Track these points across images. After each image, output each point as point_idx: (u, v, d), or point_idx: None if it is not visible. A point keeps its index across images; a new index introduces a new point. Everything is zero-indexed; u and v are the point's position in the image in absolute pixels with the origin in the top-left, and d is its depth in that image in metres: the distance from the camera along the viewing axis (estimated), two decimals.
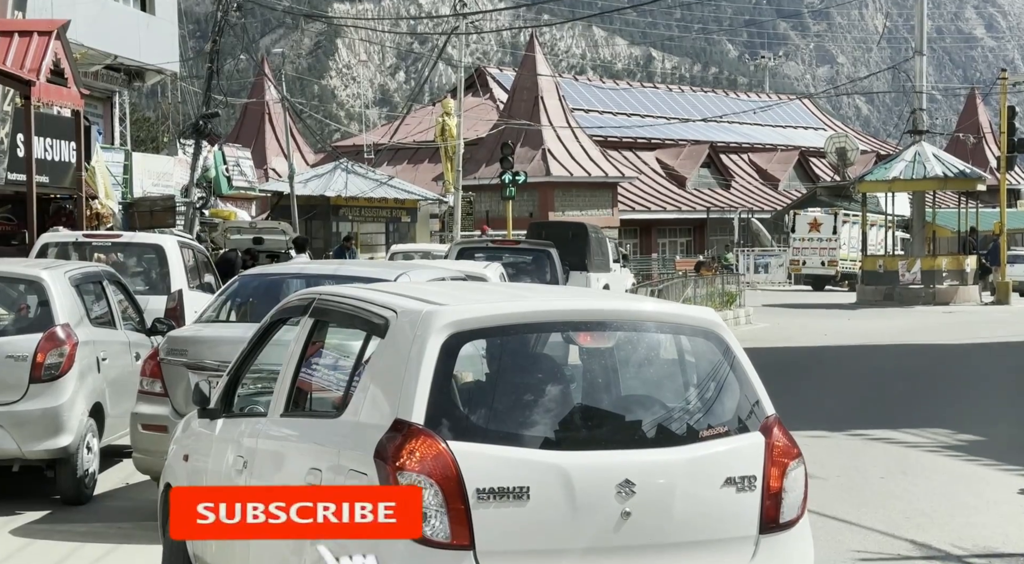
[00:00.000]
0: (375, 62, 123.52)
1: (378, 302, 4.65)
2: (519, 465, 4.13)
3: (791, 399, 14.21)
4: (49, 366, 8.07)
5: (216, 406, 5.37)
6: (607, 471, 4.21)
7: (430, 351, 4.21)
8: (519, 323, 4.49)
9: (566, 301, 4.90)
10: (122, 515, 8.12)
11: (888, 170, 31.72)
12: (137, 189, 25.86)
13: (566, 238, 23.05)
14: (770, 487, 4.43)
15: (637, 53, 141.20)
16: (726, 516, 4.39)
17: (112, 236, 12.58)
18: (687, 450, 4.35)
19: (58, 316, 8.22)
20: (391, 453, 4.08)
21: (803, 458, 4.59)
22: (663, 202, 51.94)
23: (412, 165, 48.56)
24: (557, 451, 4.19)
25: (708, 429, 4.44)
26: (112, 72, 26.20)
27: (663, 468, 4.29)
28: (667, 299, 20.62)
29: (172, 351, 7.78)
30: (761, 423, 4.50)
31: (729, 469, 4.38)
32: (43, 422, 8.03)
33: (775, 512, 4.44)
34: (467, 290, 5.75)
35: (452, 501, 4.06)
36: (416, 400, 4.15)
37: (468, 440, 4.14)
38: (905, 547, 7.43)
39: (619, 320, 4.61)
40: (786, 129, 64.11)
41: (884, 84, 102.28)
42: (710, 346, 4.59)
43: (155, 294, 11.72)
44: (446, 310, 4.36)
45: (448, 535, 4.06)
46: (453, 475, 4.06)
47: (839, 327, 24.10)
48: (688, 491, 4.31)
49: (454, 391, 4.26)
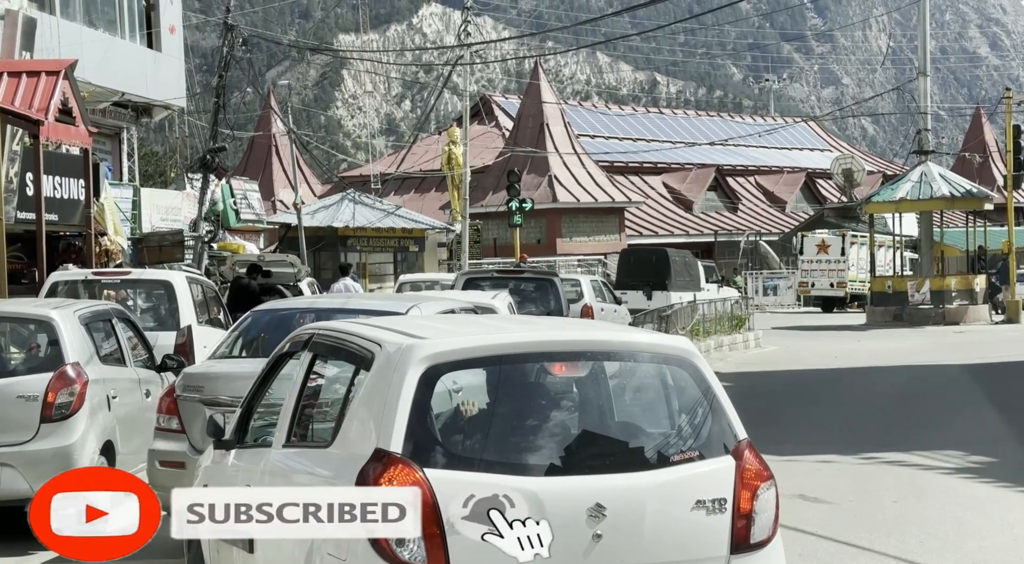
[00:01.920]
0: (381, 92, 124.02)
1: (366, 336, 4.83)
2: (493, 490, 4.28)
3: (802, 423, 14.20)
4: (60, 405, 8.10)
5: (231, 437, 5.58)
6: (578, 495, 4.38)
7: (408, 382, 4.41)
8: (495, 355, 4.67)
9: (543, 333, 5.07)
10: (137, 554, 8.12)
11: (895, 191, 31.72)
12: (146, 224, 25.98)
13: (650, 262, 27.66)
14: (740, 509, 4.57)
15: (642, 78, 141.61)
16: (697, 538, 4.52)
17: (121, 273, 12.65)
18: (657, 474, 4.51)
19: (68, 355, 8.26)
20: (371, 481, 4.28)
21: (774, 481, 4.73)
22: (670, 226, 51.97)
23: (419, 194, 48.69)
24: (529, 477, 4.37)
25: (679, 454, 4.61)
26: (120, 109, 26.37)
27: (633, 492, 4.45)
28: (676, 324, 20.64)
29: (188, 387, 7.89)
30: (733, 448, 4.66)
31: (699, 492, 4.53)
32: (55, 461, 8.04)
33: (746, 533, 4.57)
34: (454, 323, 5.92)
35: (428, 527, 4.22)
36: (395, 430, 4.34)
37: (444, 468, 4.33)
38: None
39: (593, 350, 4.81)
40: (792, 151, 64.18)
41: (889, 104, 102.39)
42: (683, 374, 4.76)
43: (164, 330, 11.77)
44: (425, 344, 4.55)
45: (424, 560, 4.24)
46: (429, 502, 4.24)
47: (849, 349, 24.05)
48: (658, 514, 4.46)
49: (432, 421, 4.44)
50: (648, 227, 50.91)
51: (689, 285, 27.99)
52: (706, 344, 22.60)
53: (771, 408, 15.77)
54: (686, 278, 28.46)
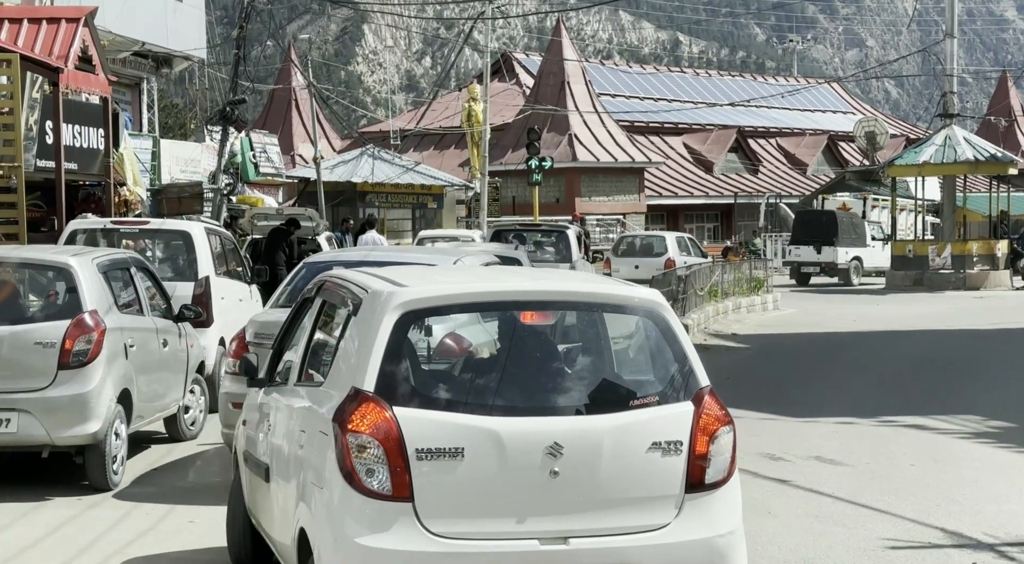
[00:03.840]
0: (401, 48, 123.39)
1: (358, 284, 5.18)
2: (455, 428, 4.63)
3: (819, 385, 14.13)
4: (77, 353, 8.08)
5: (263, 376, 6.01)
6: (536, 435, 4.67)
7: (384, 327, 4.75)
8: (465, 302, 5.06)
9: (514, 282, 5.39)
10: (150, 501, 8.15)
11: (918, 154, 31.41)
12: (165, 176, 25.89)
13: (821, 221, 33.28)
14: (696, 451, 4.83)
15: (664, 37, 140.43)
16: (652, 477, 4.80)
17: (140, 223, 12.59)
18: (615, 417, 4.78)
19: (86, 303, 8.23)
20: (344, 417, 4.64)
21: (733, 425, 4.96)
22: (690, 187, 51.70)
23: (438, 151, 48.53)
24: (491, 417, 4.67)
25: (638, 399, 4.89)
26: (140, 59, 26.24)
27: (590, 433, 4.72)
28: (694, 285, 20.55)
29: (257, 334, 8.38)
30: (694, 394, 4.91)
31: (656, 434, 4.79)
32: (72, 409, 8.05)
33: (701, 474, 4.83)
34: (444, 273, 6.29)
35: (393, 459, 4.58)
36: (369, 370, 4.69)
37: (412, 406, 4.66)
38: (936, 535, 7.35)
39: (563, 300, 5.13)
40: (815, 113, 63.65)
41: (914, 67, 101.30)
42: (651, 325, 5.04)
43: (182, 281, 11.74)
44: (401, 291, 4.87)
45: (390, 489, 4.59)
46: (395, 436, 4.59)
47: (868, 313, 23.93)
48: (615, 454, 4.73)
49: (405, 363, 4.77)
50: (668, 188, 50.66)
51: (855, 242, 33.15)
52: (724, 305, 22.51)
53: (789, 370, 15.71)
54: (852, 236, 33.24)
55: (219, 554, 6.68)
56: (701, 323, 19.88)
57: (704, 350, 17.61)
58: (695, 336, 18.71)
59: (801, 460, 9.74)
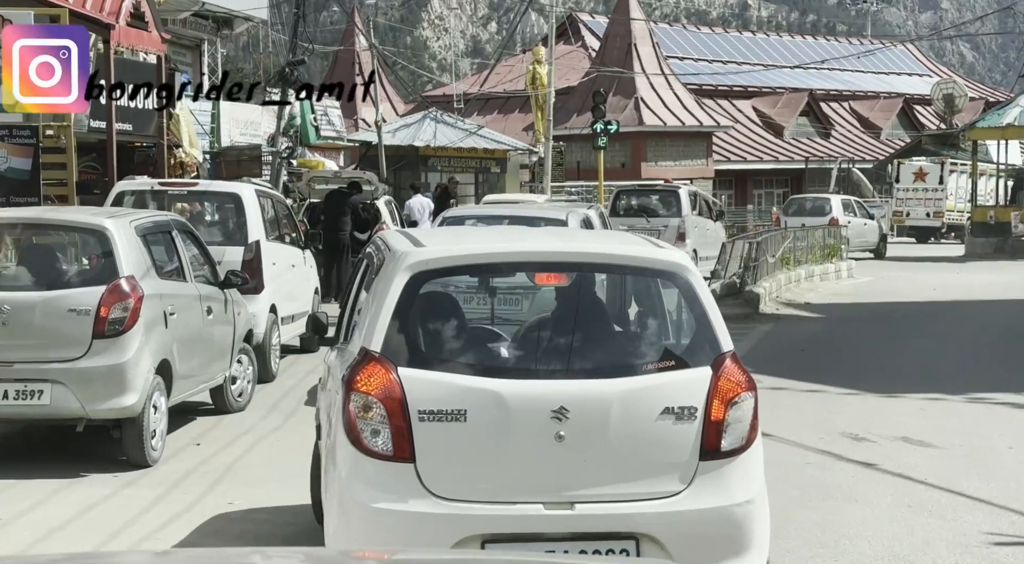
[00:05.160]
0: (467, 12, 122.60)
1: (388, 244, 5.18)
2: (458, 390, 4.58)
3: (902, 358, 13.33)
4: (113, 321, 7.60)
5: (333, 336, 6.02)
6: (541, 398, 4.58)
7: (395, 287, 4.71)
8: (478, 263, 5.01)
9: (530, 243, 5.26)
10: (191, 479, 7.68)
11: (1002, 116, 30.13)
12: (225, 138, 25.52)
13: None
14: (711, 418, 4.67)
15: (732, 1, 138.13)
16: (664, 444, 4.67)
17: (189, 184, 12.08)
18: (624, 382, 4.67)
19: (123, 268, 7.74)
20: (350, 376, 4.66)
21: (755, 391, 4.79)
22: (759, 152, 50.51)
23: (502, 115, 47.85)
24: (495, 379, 4.62)
25: (653, 363, 4.80)
26: (200, 19, 25.86)
27: (598, 397, 4.62)
28: (767, 251, 19.75)
29: None
30: (714, 359, 4.74)
31: (669, 399, 4.65)
32: (107, 380, 7.57)
33: (716, 441, 4.68)
34: (472, 234, 6.43)
35: (395, 419, 4.54)
36: (377, 331, 4.67)
37: (417, 367, 4.63)
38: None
39: (580, 261, 5.00)
40: (889, 76, 61.85)
41: (992, 30, 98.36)
42: (673, 288, 4.90)
43: (232, 245, 11.25)
44: (413, 252, 4.82)
45: (391, 449, 4.55)
46: (398, 397, 4.54)
47: (948, 281, 22.94)
48: (624, 419, 4.62)
49: (415, 323, 4.73)
50: (736, 152, 49.53)
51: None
52: (796, 273, 21.68)
53: (868, 342, 14.91)
54: None
55: (252, 539, 6.17)
56: (772, 292, 19.08)
57: (776, 320, 16.87)
58: (766, 305, 17.93)
59: (887, 441, 9.04)
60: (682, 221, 21.70)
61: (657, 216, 22.19)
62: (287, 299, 11.99)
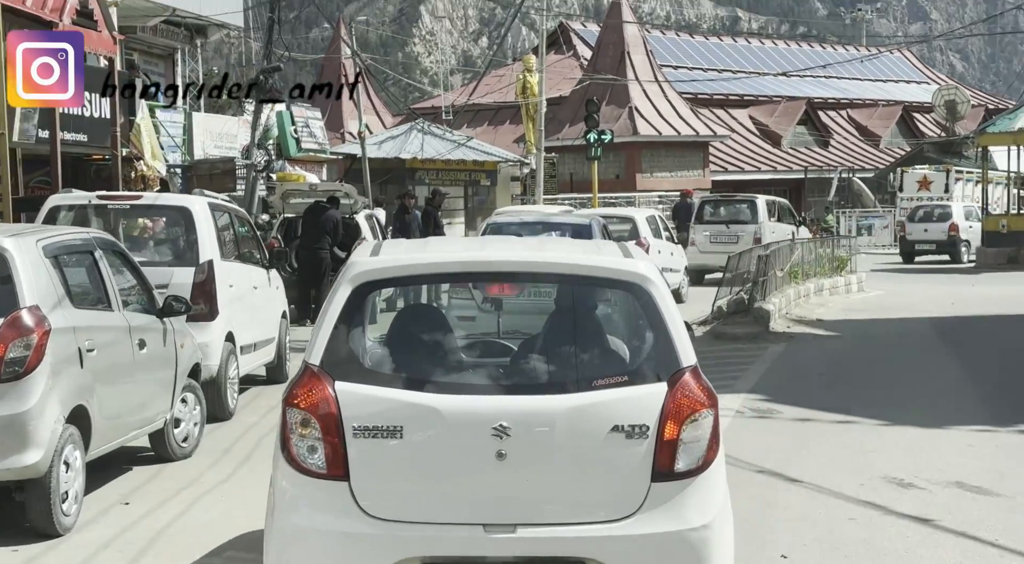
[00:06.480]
0: (458, 28, 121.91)
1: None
2: (394, 405, 4.38)
3: (931, 382, 11.99)
4: (11, 361, 6.26)
5: None
6: (481, 414, 4.35)
7: (339, 299, 4.54)
8: (423, 273, 4.80)
9: (478, 253, 4.97)
10: (110, 551, 6.33)
11: (1013, 121, 28.88)
12: (198, 151, 24.25)
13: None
14: (664, 436, 4.41)
15: (723, 13, 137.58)
16: (613, 464, 4.41)
17: (131, 197, 10.69)
18: (572, 398, 4.42)
19: (24, 296, 6.40)
20: (288, 392, 4.49)
21: (715, 408, 4.49)
22: (757, 162, 49.31)
23: (492, 126, 46.64)
24: (433, 394, 4.41)
25: (603, 378, 4.50)
26: (172, 27, 24.61)
27: (541, 414, 4.38)
28: (775, 265, 18.45)
29: None
30: (671, 374, 4.48)
31: (618, 417, 4.40)
32: (4, 433, 6.23)
33: (669, 462, 4.42)
34: (443, 243, 5.95)
35: (329, 436, 4.36)
36: (318, 345, 4.49)
37: (354, 381, 4.42)
38: None
39: (529, 271, 4.74)
40: (887, 83, 60.72)
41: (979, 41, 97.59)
42: (631, 299, 4.67)
43: (182, 265, 9.90)
44: (363, 262, 4.65)
45: (325, 466, 4.36)
46: (332, 413, 4.37)
47: (965, 294, 21.64)
48: (570, 437, 4.38)
49: (357, 336, 4.54)
50: (734, 163, 48.34)
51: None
52: (805, 287, 20.38)
53: (890, 363, 13.58)
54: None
55: None
56: (782, 308, 17.75)
57: (788, 339, 15.54)
58: (776, 323, 16.60)
59: (939, 487, 7.72)
60: (759, 227, 23.73)
61: (737, 223, 24.13)
62: (247, 325, 10.65)
